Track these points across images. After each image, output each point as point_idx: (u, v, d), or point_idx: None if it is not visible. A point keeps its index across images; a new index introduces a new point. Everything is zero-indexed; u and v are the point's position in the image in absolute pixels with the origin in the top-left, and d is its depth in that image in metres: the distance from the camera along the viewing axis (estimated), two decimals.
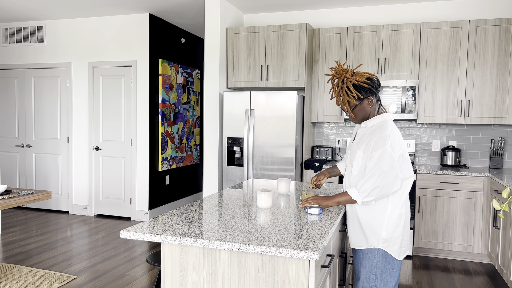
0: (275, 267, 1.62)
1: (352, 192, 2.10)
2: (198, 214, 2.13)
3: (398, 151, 2.05)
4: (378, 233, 2.13)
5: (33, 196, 3.29)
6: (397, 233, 2.13)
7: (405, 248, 2.20)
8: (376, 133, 2.09)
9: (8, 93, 6.30)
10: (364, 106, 2.16)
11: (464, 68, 4.30)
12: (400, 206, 2.12)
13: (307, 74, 4.56)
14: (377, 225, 2.13)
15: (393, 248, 2.14)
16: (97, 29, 5.74)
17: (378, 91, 2.17)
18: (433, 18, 4.67)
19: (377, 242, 2.14)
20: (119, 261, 4.02)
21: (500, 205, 1.55)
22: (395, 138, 2.06)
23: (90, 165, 5.86)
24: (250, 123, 4.46)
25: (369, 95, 2.14)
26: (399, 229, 2.13)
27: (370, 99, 2.14)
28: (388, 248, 2.14)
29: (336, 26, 4.98)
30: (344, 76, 2.14)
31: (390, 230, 2.13)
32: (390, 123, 2.12)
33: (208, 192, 4.69)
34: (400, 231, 2.14)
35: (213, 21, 4.59)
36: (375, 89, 2.15)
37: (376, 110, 2.19)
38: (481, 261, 4.17)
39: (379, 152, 2.03)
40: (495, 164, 4.42)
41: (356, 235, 2.23)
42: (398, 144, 2.05)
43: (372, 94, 2.14)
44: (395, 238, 2.13)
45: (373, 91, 2.14)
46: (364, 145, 2.13)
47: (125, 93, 5.65)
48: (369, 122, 2.18)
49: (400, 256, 2.18)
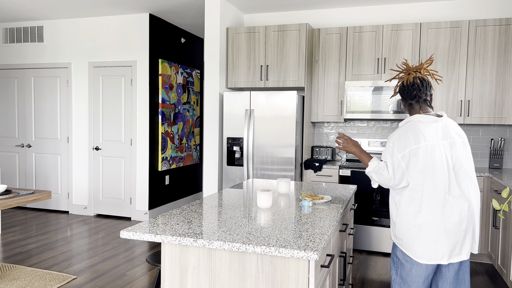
0: (275, 267, 1.62)
1: (373, 162, 2.19)
2: (198, 214, 2.13)
3: (403, 151, 2.06)
4: (393, 228, 2.18)
5: (33, 196, 3.29)
6: (410, 238, 2.07)
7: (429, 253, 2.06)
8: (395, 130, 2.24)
9: (8, 93, 6.30)
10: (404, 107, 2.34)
11: (464, 68, 4.30)
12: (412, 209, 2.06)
13: (307, 74, 4.56)
14: (392, 219, 2.19)
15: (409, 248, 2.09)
16: (97, 29, 5.74)
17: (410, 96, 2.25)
18: (433, 18, 4.67)
19: (394, 237, 2.19)
20: (119, 261, 4.02)
21: (500, 205, 1.55)
22: (401, 137, 2.08)
23: (90, 165, 5.86)
24: (250, 123, 4.46)
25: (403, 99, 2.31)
26: (411, 233, 2.06)
27: (403, 103, 2.32)
28: (403, 246, 2.11)
29: (336, 26, 4.98)
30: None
31: (402, 231, 2.10)
32: (413, 123, 2.13)
33: (208, 192, 4.69)
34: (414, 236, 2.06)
35: (213, 21, 4.59)
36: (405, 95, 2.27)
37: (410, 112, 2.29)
38: (481, 261, 4.17)
39: (385, 148, 2.17)
40: (494, 164, 4.42)
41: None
42: (403, 144, 2.07)
43: (405, 99, 2.29)
44: (407, 243, 2.08)
45: (404, 96, 2.28)
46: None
47: (125, 93, 5.65)
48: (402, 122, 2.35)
49: (420, 259, 2.07)
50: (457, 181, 2.08)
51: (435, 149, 2.06)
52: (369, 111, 4.45)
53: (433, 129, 2.11)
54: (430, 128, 2.10)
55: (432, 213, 2.04)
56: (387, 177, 2.09)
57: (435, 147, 2.07)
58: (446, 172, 2.06)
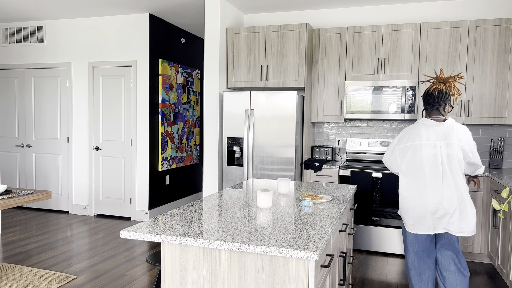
0: (275, 267, 1.62)
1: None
2: (198, 214, 2.13)
3: (402, 144, 2.74)
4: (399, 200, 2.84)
5: (33, 196, 3.29)
6: (404, 213, 2.75)
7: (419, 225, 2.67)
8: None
9: (8, 93, 6.30)
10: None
11: (464, 68, 4.30)
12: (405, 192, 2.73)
13: (307, 74, 4.56)
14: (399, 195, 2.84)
15: (405, 219, 2.74)
16: (97, 29, 5.74)
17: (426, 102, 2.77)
18: (433, 18, 4.68)
19: (399, 211, 2.83)
20: (119, 261, 4.02)
21: (500, 205, 1.55)
22: (404, 134, 2.76)
23: (90, 165, 5.86)
24: (250, 123, 4.46)
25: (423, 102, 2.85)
26: (404, 209, 2.75)
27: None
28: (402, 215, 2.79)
29: (336, 26, 4.98)
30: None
31: (401, 207, 2.79)
32: (417, 124, 2.73)
33: (208, 192, 4.69)
34: (406, 212, 2.72)
35: (213, 21, 4.59)
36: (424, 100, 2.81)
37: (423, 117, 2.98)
38: (481, 261, 4.17)
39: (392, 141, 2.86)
40: (494, 164, 4.42)
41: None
42: (404, 139, 2.74)
43: (423, 103, 2.83)
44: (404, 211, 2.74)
45: (423, 100, 2.82)
46: None
47: (125, 93, 5.65)
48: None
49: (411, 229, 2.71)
50: (449, 172, 2.61)
51: (423, 147, 2.63)
52: (369, 111, 4.46)
53: (434, 131, 2.64)
54: (430, 130, 2.64)
55: (418, 195, 2.67)
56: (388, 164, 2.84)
57: (426, 146, 2.62)
58: (435, 165, 2.61)
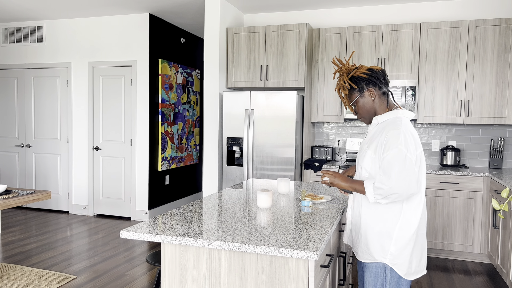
0: (275, 267, 1.62)
1: (368, 188, 1.83)
2: (198, 214, 2.13)
3: (415, 153, 1.79)
4: (386, 246, 1.84)
5: (33, 196, 3.29)
6: (408, 250, 1.84)
7: (418, 267, 1.90)
8: (387, 130, 1.82)
9: (8, 93, 6.30)
10: (367, 100, 1.92)
11: (463, 68, 4.30)
12: (414, 218, 1.84)
13: (307, 74, 4.56)
14: (386, 235, 1.84)
15: (403, 267, 1.84)
16: (97, 29, 5.74)
17: (383, 83, 1.92)
18: (432, 18, 4.68)
19: (383, 257, 1.85)
20: (119, 261, 4.02)
21: (500, 205, 1.55)
22: (410, 137, 1.79)
23: (90, 165, 5.86)
24: (250, 123, 4.46)
25: (370, 86, 1.90)
26: (410, 245, 1.84)
27: (371, 90, 1.90)
28: (397, 266, 1.84)
29: (336, 26, 4.98)
30: (342, 69, 1.97)
31: (400, 245, 1.83)
32: (404, 120, 1.86)
33: (208, 192, 4.69)
34: (411, 248, 1.84)
35: (213, 21, 4.59)
36: (376, 80, 1.90)
37: (386, 105, 1.94)
38: (481, 261, 4.17)
39: (393, 153, 1.76)
40: (494, 164, 4.42)
41: (359, 244, 1.95)
42: (414, 145, 1.79)
43: (374, 85, 1.90)
44: (405, 256, 1.84)
45: (374, 81, 1.90)
46: (375, 145, 1.86)
47: (125, 93, 5.65)
48: (380, 117, 1.92)
49: (410, 276, 1.87)
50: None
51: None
52: None
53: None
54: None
55: (424, 222, 1.92)
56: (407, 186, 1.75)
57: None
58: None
